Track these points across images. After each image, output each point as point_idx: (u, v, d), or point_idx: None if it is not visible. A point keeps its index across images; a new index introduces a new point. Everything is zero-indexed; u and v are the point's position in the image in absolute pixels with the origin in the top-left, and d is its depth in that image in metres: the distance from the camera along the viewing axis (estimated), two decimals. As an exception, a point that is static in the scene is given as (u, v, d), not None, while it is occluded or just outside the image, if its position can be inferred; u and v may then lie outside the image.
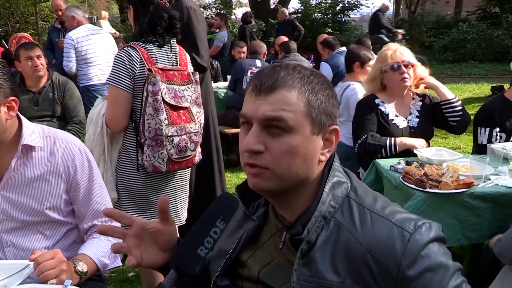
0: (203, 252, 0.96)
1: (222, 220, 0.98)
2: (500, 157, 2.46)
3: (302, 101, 0.96)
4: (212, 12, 16.80)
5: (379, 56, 2.84)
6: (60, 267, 1.40)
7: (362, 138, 2.69)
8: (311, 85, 0.98)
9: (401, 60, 2.71)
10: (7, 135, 1.54)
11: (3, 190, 1.59)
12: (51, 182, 1.61)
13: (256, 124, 0.96)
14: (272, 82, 0.96)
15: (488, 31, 13.94)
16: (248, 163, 0.97)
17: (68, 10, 4.96)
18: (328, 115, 0.99)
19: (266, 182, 0.97)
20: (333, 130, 1.01)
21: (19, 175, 1.59)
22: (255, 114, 0.96)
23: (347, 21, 18.49)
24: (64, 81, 3.85)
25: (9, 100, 1.50)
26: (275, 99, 0.95)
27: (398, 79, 2.71)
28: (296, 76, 0.98)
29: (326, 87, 1.01)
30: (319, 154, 1.00)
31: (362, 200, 1.01)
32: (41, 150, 1.61)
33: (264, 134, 0.96)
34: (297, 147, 0.95)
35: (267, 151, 0.96)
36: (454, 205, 2.19)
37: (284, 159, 0.95)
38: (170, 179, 2.43)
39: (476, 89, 10.10)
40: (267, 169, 0.96)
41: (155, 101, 2.18)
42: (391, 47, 2.81)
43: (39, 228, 1.64)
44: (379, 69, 2.78)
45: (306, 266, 0.97)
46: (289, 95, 0.96)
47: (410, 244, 0.93)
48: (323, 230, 0.98)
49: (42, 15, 15.19)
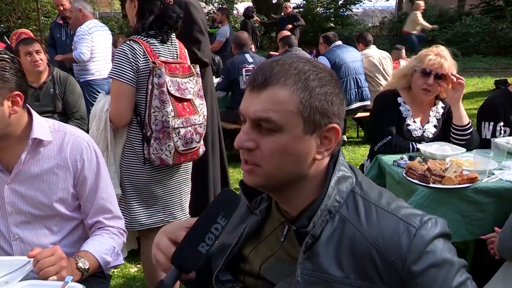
0: (204, 249, 0.96)
1: (223, 216, 0.98)
2: (504, 152, 2.44)
3: (294, 100, 0.94)
4: (214, 7, 16.75)
5: (420, 54, 2.67)
6: (60, 264, 1.40)
7: (387, 138, 2.59)
8: (305, 82, 0.95)
9: (436, 70, 2.52)
10: (12, 129, 1.55)
11: (12, 183, 1.60)
12: (59, 176, 1.62)
13: (248, 121, 0.97)
14: (265, 79, 0.95)
15: (492, 25, 13.86)
16: (243, 158, 0.99)
17: (77, 3, 4.93)
18: (324, 113, 0.96)
19: (257, 178, 0.98)
20: (331, 128, 0.98)
21: (28, 169, 1.60)
22: (247, 112, 0.97)
23: (350, 16, 18.42)
24: (65, 77, 3.85)
25: (14, 95, 1.50)
26: (266, 97, 0.94)
27: (421, 86, 2.56)
28: (291, 72, 0.95)
29: (325, 84, 0.96)
30: (314, 153, 0.98)
31: (367, 195, 1.00)
32: (50, 144, 1.63)
33: (255, 132, 0.96)
34: (286, 146, 0.95)
35: (258, 148, 0.96)
36: (457, 200, 2.18)
37: (274, 158, 0.95)
38: (174, 173, 2.44)
39: (480, 83, 10.05)
40: (258, 166, 0.97)
41: (161, 93, 2.19)
42: (436, 50, 2.60)
43: (47, 223, 1.65)
44: (413, 67, 2.63)
45: (310, 260, 0.97)
46: (280, 93, 0.94)
47: (416, 240, 0.92)
48: (328, 225, 0.98)
49: (44, 11, 15.16)
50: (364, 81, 5.66)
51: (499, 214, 2.19)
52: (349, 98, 5.52)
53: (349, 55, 5.64)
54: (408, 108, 2.67)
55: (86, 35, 4.73)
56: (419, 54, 2.68)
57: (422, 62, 2.58)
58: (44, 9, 15.26)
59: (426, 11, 16.78)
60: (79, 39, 4.75)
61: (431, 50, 2.62)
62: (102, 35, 4.94)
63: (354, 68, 5.56)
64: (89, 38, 4.74)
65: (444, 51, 2.61)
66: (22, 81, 1.53)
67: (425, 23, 11.77)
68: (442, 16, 16.63)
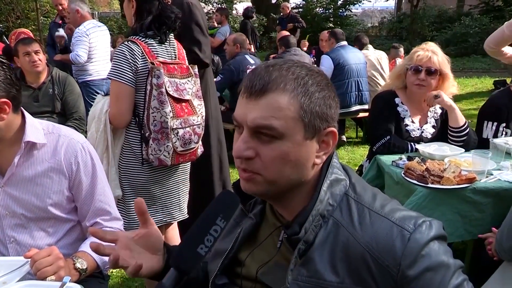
0: (203, 251, 0.95)
1: (222, 218, 0.97)
2: (502, 152, 2.44)
3: (294, 105, 0.92)
4: (213, 7, 16.75)
5: (410, 53, 2.70)
6: (57, 264, 1.39)
7: (386, 138, 2.58)
8: (305, 87, 0.93)
9: (426, 64, 2.54)
10: (2, 134, 1.53)
11: (5, 186, 1.59)
12: (53, 179, 1.61)
13: (246, 129, 0.94)
14: (263, 84, 0.92)
15: (491, 25, 13.85)
16: (240, 167, 0.97)
17: (73, 4, 4.90)
18: (323, 118, 0.95)
19: (257, 186, 0.96)
20: (330, 132, 0.97)
21: (21, 172, 1.59)
22: (245, 119, 0.94)
23: (349, 16, 18.43)
24: (64, 77, 3.84)
25: (0, 103, 1.46)
26: (266, 104, 0.92)
27: (414, 82, 2.57)
28: (289, 77, 0.93)
29: (323, 88, 0.95)
30: (314, 158, 0.97)
31: (360, 198, 1.00)
32: (44, 147, 1.60)
33: (255, 140, 0.94)
34: (288, 153, 0.93)
35: (258, 157, 0.94)
36: (456, 201, 2.18)
37: (275, 165, 0.93)
38: (173, 173, 2.45)
39: (479, 83, 10.07)
40: (258, 174, 0.95)
41: (160, 94, 2.20)
42: (424, 47, 2.62)
43: (42, 225, 1.64)
44: (405, 66, 2.65)
45: (304, 266, 0.96)
46: (280, 99, 0.91)
47: (410, 244, 0.91)
48: (322, 229, 0.97)
49: (43, 10, 15.15)
50: (365, 84, 5.61)
51: (498, 214, 2.19)
52: (349, 101, 5.49)
53: (353, 57, 5.58)
54: (406, 108, 2.67)
55: (83, 37, 4.70)
56: (410, 53, 2.70)
57: (411, 60, 2.61)
58: (43, 9, 15.24)
59: (425, 12, 16.85)
60: (76, 41, 4.73)
61: (420, 47, 2.65)
62: (100, 35, 4.91)
63: (357, 70, 5.51)
64: (86, 40, 4.71)
65: (433, 47, 2.62)
66: (11, 87, 1.48)
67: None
68: (441, 17, 16.67)
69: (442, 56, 2.59)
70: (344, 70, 5.43)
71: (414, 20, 16.52)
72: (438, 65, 2.55)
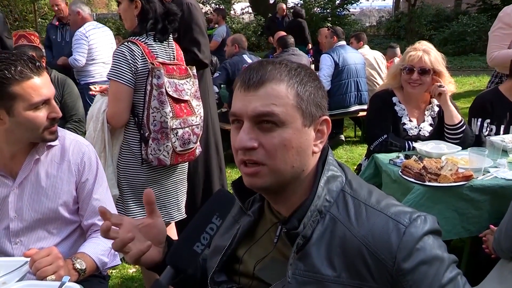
0: (199, 249, 0.97)
1: (218, 216, 0.99)
2: (499, 150, 2.45)
3: (292, 93, 0.97)
4: (211, 7, 16.75)
5: (404, 53, 2.71)
6: (57, 263, 1.41)
7: (383, 137, 2.60)
8: (299, 77, 0.98)
9: (418, 64, 2.55)
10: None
11: (17, 188, 1.62)
12: (63, 180, 1.65)
13: (247, 121, 0.97)
14: (260, 76, 0.96)
15: (489, 24, 13.85)
16: (243, 160, 0.98)
17: (74, 5, 4.88)
18: (318, 106, 1.00)
19: (263, 179, 0.97)
20: (324, 120, 1.02)
21: (33, 174, 1.62)
22: (245, 111, 0.97)
23: (347, 15, 18.44)
24: (63, 79, 3.83)
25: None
26: (265, 93, 0.96)
27: (408, 81, 2.59)
28: (283, 69, 0.98)
29: (314, 78, 1.02)
30: (312, 146, 1.00)
31: (357, 193, 1.01)
32: (54, 148, 1.66)
33: (256, 130, 0.96)
34: (290, 140, 0.96)
35: (261, 146, 0.96)
36: (453, 198, 2.19)
37: (278, 153, 0.96)
38: (171, 173, 2.46)
39: (476, 82, 10.08)
40: (263, 164, 0.96)
41: (160, 94, 2.21)
42: (417, 46, 2.64)
43: (47, 226, 1.67)
44: (399, 66, 2.67)
45: (302, 260, 0.97)
46: (278, 88, 0.96)
47: (406, 237, 0.93)
48: (319, 225, 0.99)
49: (41, 12, 15.16)
50: (364, 84, 5.61)
51: (495, 211, 2.21)
52: (348, 101, 5.50)
53: (352, 57, 5.59)
54: (403, 107, 2.69)
55: (83, 39, 4.69)
56: (403, 53, 2.73)
57: (404, 60, 2.64)
58: (41, 11, 15.25)
59: (423, 10, 16.86)
60: (75, 44, 4.73)
61: (413, 47, 2.67)
62: (101, 36, 4.88)
63: (356, 70, 5.51)
64: (85, 43, 4.69)
65: (425, 46, 2.65)
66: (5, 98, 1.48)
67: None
68: (439, 15, 16.68)
69: (434, 55, 2.61)
70: (344, 70, 5.44)
71: (412, 19, 16.53)
72: (430, 64, 2.57)
